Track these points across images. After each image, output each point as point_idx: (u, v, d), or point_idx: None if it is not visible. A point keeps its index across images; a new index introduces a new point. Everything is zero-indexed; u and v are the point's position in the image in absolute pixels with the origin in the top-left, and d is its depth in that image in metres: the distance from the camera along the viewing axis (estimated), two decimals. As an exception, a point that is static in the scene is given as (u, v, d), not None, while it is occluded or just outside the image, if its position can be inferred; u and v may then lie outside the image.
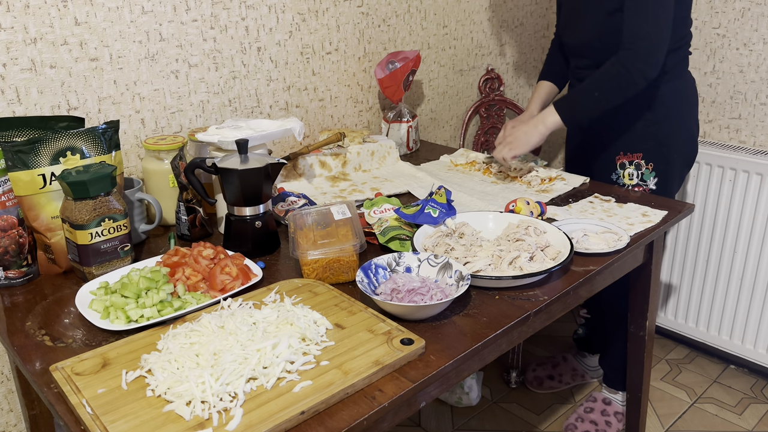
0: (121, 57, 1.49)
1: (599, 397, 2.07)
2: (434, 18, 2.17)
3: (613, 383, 2.05)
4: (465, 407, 2.16)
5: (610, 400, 2.05)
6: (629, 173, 1.71)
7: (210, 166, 1.32)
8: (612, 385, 2.06)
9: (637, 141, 1.70)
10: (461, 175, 1.82)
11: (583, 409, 2.04)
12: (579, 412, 2.04)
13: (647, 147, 1.70)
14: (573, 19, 1.75)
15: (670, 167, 1.72)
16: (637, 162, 1.70)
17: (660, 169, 1.71)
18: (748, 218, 2.13)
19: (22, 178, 1.17)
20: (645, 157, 1.70)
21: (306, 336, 0.97)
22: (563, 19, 1.82)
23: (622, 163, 1.73)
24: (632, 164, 1.70)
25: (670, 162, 1.72)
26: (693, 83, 1.75)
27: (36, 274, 1.25)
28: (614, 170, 1.75)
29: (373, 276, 1.15)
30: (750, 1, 2.11)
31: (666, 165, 1.71)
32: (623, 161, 1.72)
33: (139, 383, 0.89)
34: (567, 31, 1.79)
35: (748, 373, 2.31)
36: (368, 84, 2.05)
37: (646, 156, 1.70)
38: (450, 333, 1.04)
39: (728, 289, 2.23)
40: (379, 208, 1.42)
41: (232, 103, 1.72)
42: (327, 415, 0.85)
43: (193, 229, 1.40)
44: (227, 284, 1.15)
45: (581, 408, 2.05)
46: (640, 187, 1.72)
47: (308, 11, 1.81)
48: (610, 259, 1.29)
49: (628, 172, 1.71)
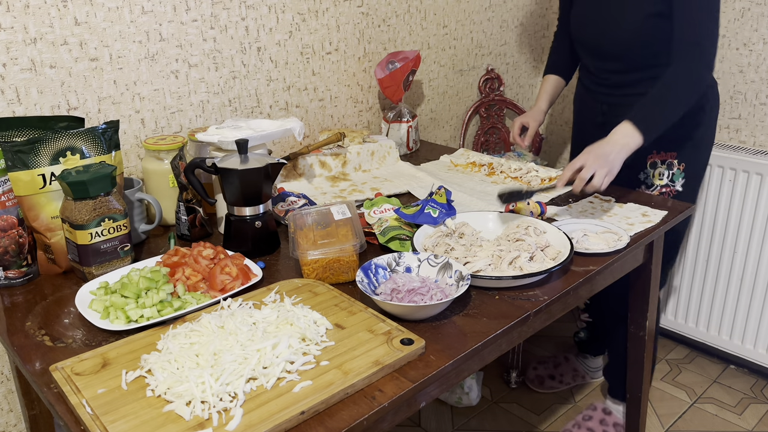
0: (121, 57, 1.49)
1: (599, 407, 2.06)
2: (434, 18, 2.17)
3: (618, 395, 2.04)
4: (465, 407, 2.16)
5: (610, 411, 2.04)
6: (660, 173, 1.69)
7: (210, 166, 1.32)
8: (616, 396, 2.05)
9: (672, 141, 1.67)
10: (461, 175, 1.82)
11: (581, 417, 2.03)
12: (577, 420, 2.03)
13: (682, 148, 1.68)
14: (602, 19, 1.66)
15: (697, 169, 1.71)
16: (669, 161, 1.67)
17: (689, 171, 1.69)
18: (748, 218, 2.12)
19: (22, 178, 1.17)
20: (678, 157, 1.68)
21: (306, 336, 0.97)
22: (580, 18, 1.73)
23: (653, 162, 1.69)
24: (664, 164, 1.67)
25: (699, 164, 1.71)
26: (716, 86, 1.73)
27: (36, 274, 1.25)
28: (643, 169, 1.72)
29: (373, 276, 1.15)
30: (750, 1, 2.11)
31: (695, 167, 1.70)
32: (655, 160, 1.69)
33: (139, 383, 0.89)
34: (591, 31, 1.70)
35: (748, 373, 2.31)
36: (368, 84, 2.05)
37: (680, 156, 1.68)
38: (450, 333, 1.04)
39: (728, 289, 2.23)
40: (379, 208, 1.42)
41: (232, 103, 1.72)
42: (327, 415, 0.85)
43: (193, 229, 1.40)
44: (227, 284, 1.15)
45: (580, 416, 2.04)
46: (667, 188, 1.70)
47: (308, 11, 1.81)
48: (610, 259, 1.29)
49: (659, 171, 1.68)
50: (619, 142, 1.42)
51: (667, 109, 1.45)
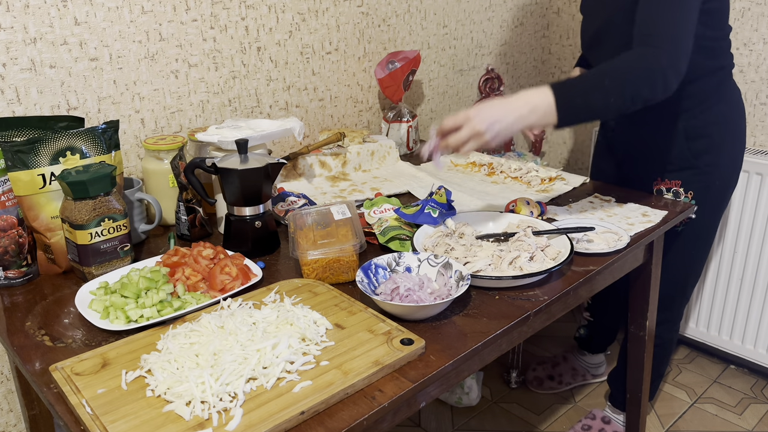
0: (121, 57, 1.49)
1: (599, 415, 2.05)
2: (434, 18, 2.17)
3: (619, 403, 2.02)
4: (465, 407, 2.16)
5: (609, 419, 2.03)
6: None
7: (210, 166, 1.31)
8: (617, 405, 2.03)
9: (675, 169, 1.60)
10: (461, 175, 1.81)
11: (580, 426, 2.03)
12: (576, 429, 2.02)
13: (685, 176, 1.60)
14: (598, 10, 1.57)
15: (713, 194, 1.62)
16: (675, 190, 1.60)
17: (701, 198, 1.61)
18: (748, 218, 2.12)
19: (21, 178, 1.17)
20: (684, 186, 1.60)
21: (306, 336, 0.97)
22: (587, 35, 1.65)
23: (659, 190, 1.64)
24: (670, 191, 1.61)
25: (713, 189, 1.61)
26: (739, 102, 1.60)
27: (36, 274, 1.25)
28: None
29: (373, 276, 1.15)
30: (750, 1, 2.11)
31: (707, 192, 1.61)
32: (660, 188, 1.64)
33: (138, 383, 0.89)
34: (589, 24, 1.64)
35: (748, 373, 2.31)
36: (368, 84, 2.05)
37: (685, 184, 1.60)
38: (450, 333, 1.04)
39: (728, 289, 2.23)
40: (379, 208, 1.42)
41: (232, 103, 1.72)
42: (327, 415, 0.85)
43: (192, 229, 1.40)
44: (227, 284, 1.15)
45: (579, 425, 2.03)
46: None
47: (308, 11, 1.81)
48: (610, 259, 1.29)
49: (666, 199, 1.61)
50: (521, 98, 1.19)
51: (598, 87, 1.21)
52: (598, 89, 1.21)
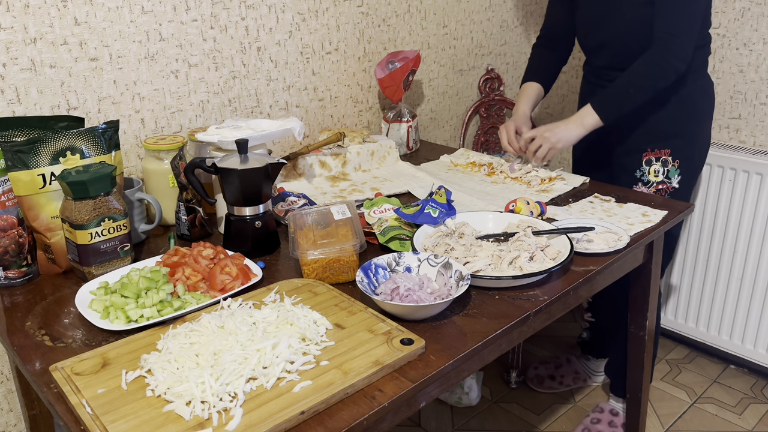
0: (121, 57, 1.49)
1: (606, 408, 2.06)
2: (434, 18, 2.17)
3: (620, 392, 2.03)
4: (465, 407, 2.16)
5: (617, 411, 2.03)
6: (655, 170, 1.71)
7: (210, 166, 1.31)
8: (619, 393, 2.04)
9: (665, 138, 1.71)
10: (461, 175, 1.81)
11: (589, 420, 2.03)
12: (585, 423, 2.02)
13: (675, 144, 1.70)
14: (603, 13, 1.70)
15: (693, 165, 1.74)
16: (664, 159, 1.70)
17: (684, 167, 1.72)
18: (748, 218, 2.12)
19: (21, 178, 1.17)
20: (672, 154, 1.71)
21: (306, 336, 0.97)
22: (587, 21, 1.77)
23: (648, 160, 1.73)
24: (659, 161, 1.71)
25: (693, 160, 1.74)
26: (712, 85, 1.76)
27: (36, 274, 1.25)
28: (639, 166, 1.74)
29: (373, 276, 1.15)
30: (750, 1, 2.11)
31: (690, 163, 1.73)
32: (650, 158, 1.72)
33: (138, 383, 0.89)
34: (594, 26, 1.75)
35: (748, 373, 2.31)
36: (368, 84, 2.05)
37: (674, 153, 1.71)
38: (450, 333, 1.04)
39: (728, 289, 2.23)
40: (379, 208, 1.42)
41: (232, 102, 1.72)
42: (327, 415, 0.85)
43: (193, 229, 1.40)
44: (227, 284, 1.15)
45: (588, 419, 2.03)
46: (663, 185, 1.72)
47: (308, 11, 1.81)
48: (610, 259, 1.29)
49: (654, 168, 1.71)
50: (573, 121, 1.66)
51: (626, 93, 1.60)
52: (627, 98, 1.61)
